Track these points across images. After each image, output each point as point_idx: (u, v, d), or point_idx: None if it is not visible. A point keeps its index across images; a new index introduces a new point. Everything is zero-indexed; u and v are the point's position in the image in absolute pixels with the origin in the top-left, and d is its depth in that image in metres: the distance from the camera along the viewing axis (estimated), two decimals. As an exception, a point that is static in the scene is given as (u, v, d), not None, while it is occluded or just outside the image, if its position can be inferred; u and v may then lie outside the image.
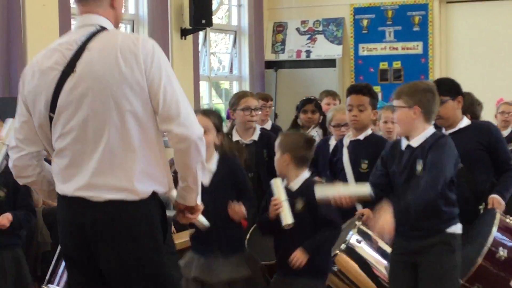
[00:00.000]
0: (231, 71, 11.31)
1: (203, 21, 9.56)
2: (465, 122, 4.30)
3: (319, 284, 3.96)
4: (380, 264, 4.03)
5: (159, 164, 2.84)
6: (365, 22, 11.05)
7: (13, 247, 4.49)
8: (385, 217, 3.40)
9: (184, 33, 9.72)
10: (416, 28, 10.81)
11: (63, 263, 3.71)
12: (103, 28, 2.85)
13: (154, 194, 2.83)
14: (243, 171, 4.36)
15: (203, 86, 10.19)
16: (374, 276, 3.98)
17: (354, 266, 3.98)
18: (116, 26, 2.98)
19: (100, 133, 2.74)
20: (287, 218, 3.77)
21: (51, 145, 2.88)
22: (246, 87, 11.14)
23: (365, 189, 3.71)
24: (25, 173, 2.96)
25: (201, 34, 10.30)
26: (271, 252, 4.14)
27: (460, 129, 4.25)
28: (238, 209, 4.08)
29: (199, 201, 2.95)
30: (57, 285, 3.95)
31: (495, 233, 3.80)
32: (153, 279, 2.80)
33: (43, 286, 3.97)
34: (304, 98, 6.34)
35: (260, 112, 5.49)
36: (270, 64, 11.02)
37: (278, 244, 4.05)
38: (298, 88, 10.57)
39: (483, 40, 10.58)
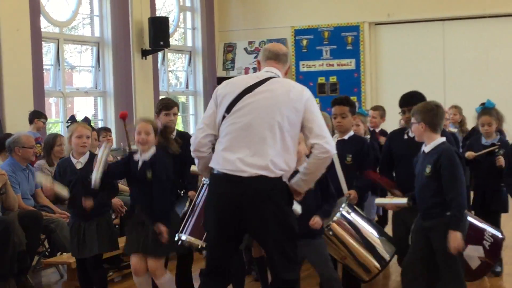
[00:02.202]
0: (187, 87, 11.72)
1: (162, 43, 9.93)
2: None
3: (322, 241, 4.62)
4: (367, 227, 4.83)
5: (292, 158, 3.78)
6: (304, 42, 11.54)
7: (105, 214, 5.10)
8: (458, 241, 4.18)
9: (144, 53, 10.08)
10: (349, 47, 11.28)
11: (193, 217, 4.59)
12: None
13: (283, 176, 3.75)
14: None
15: (163, 100, 10.62)
16: (363, 237, 4.75)
17: (346, 230, 4.73)
18: None
19: (255, 131, 3.71)
20: (297, 209, 4.21)
21: (217, 132, 3.83)
22: (201, 101, 11.62)
23: (405, 201, 4.53)
24: (202, 149, 3.87)
25: (160, 54, 10.65)
26: None
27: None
28: None
29: (305, 189, 3.89)
30: (185, 233, 4.62)
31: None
32: (285, 232, 3.72)
33: (179, 234, 4.61)
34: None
35: None
36: (221, 80, 10.08)
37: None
38: (247, 101, 11.14)
39: (409, 57, 11.10)
